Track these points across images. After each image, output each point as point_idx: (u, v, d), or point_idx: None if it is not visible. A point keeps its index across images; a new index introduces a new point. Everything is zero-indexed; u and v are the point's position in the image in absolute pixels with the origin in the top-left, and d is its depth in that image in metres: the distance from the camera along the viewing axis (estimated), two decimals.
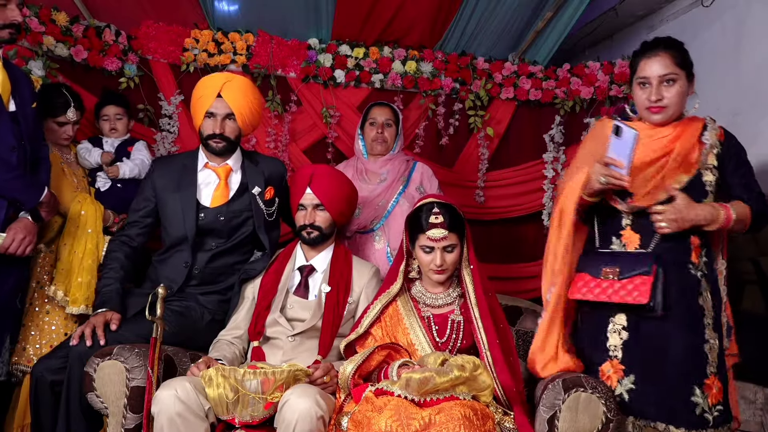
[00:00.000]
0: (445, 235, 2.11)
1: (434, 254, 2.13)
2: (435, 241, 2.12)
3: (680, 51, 2.05)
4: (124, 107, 2.97)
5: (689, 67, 2.05)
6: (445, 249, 2.13)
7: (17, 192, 2.23)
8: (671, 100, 2.02)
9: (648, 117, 2.07)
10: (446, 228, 2.11)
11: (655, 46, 2.05)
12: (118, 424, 1.98)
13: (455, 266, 2.19)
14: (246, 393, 1.89)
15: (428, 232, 2.12)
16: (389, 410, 1.77)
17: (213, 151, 2.47)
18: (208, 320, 2.41)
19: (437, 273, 2.16)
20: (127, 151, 2.91)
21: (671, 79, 2.01)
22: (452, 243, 2.14)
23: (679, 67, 2.02)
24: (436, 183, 3.05)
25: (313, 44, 3.52)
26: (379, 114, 3.02)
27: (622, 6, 4.05)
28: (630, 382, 1.97)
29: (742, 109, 3.50)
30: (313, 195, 2.41)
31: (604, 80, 3.64)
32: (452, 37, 3.67)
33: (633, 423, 1.96)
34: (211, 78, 2.50)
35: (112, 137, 2.92)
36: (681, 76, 2.02)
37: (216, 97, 2.41)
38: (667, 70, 2.01)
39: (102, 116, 2.94)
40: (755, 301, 2.92)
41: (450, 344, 2.15)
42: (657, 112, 2.04)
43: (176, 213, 2.43)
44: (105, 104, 2.95)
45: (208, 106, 2.41)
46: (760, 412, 2.85)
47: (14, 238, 2.18)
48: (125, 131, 2.97)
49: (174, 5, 3.39)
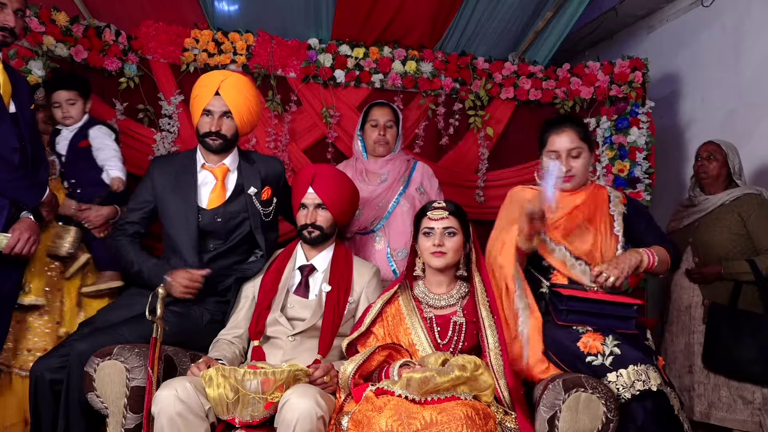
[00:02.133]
0: (445, 216, 2.18)
1: (434, 236, 2.17)
2: (435, 220, 2.17)
3: (583, 126, 2.39)
4: (76, 89, 2.75)
5: (591, 141, 2.38)
6: (445, 230, 2.17)
7: (20, 192, 2.23)
8: (578, 170, 2.32)
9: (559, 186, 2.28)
10: (447, 210, 2.19)
11: (562, 122, 2.36)
12: (118, 424, 1.98)
13: (456, 256, 2.20)
14: (246, 393, 1.89)
15: (429, 213, 2.20)
16: (389, 410, 1.77)
17: (209, 148, 2.45)
18: (208, 320, 2.41)
19: (436, 255, 2.17)
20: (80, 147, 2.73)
21: (577, 153, 2.30)
22: (452, 226, 2.18)
23: (583, 141, 2.33)
24: (437, 183, 3.05)
25: (313, 44, 3.52)
26: (381, 115, 3.01)
27: (622, 6, 4.06)
28: (613, 338, 2.05)
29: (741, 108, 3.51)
30: (315, 194, 2.41)
31: (604, 80, 3.64)
32: (452, 37, 3.67)
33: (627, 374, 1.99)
34: (209, 76, 2.49)
35: (68, 124, 2.76)
36: (585, 149, 2.33)
37: (214, 95, 2.40)
38: (573, 144, 2.31)
39: (53, 103, 2.75)
40: (752, 301, 2.92)
41: (451, 346, 2.15)
42: (567, 181, 2.31)
43: (178, 215, 2.43)
44: (55, 89, 2.75)
45: (205, 104, 2.40)
46: (759, 412, 2.86)
47: (20, 238, 2.19)
48: (81, 116, 2.78)
49: (174, 5, 3.39)
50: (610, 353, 2.02)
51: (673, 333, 3.20)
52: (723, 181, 3.15)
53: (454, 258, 2.20)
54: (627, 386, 1.95)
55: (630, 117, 3.54)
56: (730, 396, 2.93)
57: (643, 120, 3.54)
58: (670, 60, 3.97)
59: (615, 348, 2.02)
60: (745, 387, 2.90)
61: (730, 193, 3.08)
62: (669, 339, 3.23)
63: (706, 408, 2.99)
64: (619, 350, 2.02)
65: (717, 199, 3.10)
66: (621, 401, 1.94)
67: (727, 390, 2.94)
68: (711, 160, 3.14)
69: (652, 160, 3.54)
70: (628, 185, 3.49)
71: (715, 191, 3.14)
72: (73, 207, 2.63)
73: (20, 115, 2.26)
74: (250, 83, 2.55)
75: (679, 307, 3.17)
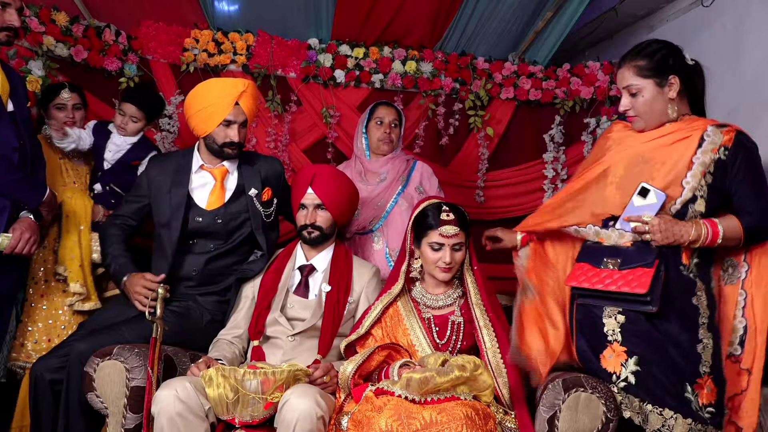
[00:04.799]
0: (457, 232, 2.15)
1: (443, 252, 2.15)
2: (447, 237, 2.14)
3: (644, 60, 2.04)
4: (144, 112, 2.83)
5: (659, 72, 2.03)
6: (453, 247, 2.15)
7: (21, 192, 2.24)
8: (638, 109, 2.05)
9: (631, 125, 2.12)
10: (458, 225, 2.15)
11: (623, 58, 2.08)
12: (118, 424, 1.98)
13: (459, 266, 2.20)
14: (246, 393, 1.89)
15: (441, 228, 2.14)
16: (389, 410, 1.77)
17: (228, 157, 2.46)
18: (208, 321, 2.41)
19: (444, 271, 2.17)
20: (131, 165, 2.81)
21: (634, 90, 2.04)
22: (461, 242, 2.17)
23: (641, 77, 2.03)
24: (436, 182, 3.05)
25: (313, 44, 3.52)
26: (386, 114, 3.02)
27: (622, 6, 4.05)
28: (634, 363, 1.93)
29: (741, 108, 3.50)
30: (315, 195, 2.41)
31: (604, 80, 3.64)
32: (452, 37, 3.67)
33: (640, 406, 1.90)
34: (225, 85, 2.46)
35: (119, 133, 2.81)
36: (644, 85, 2.03)
37: (234, 105, 2.39)
38: (627, 82, 2.05)
39: (119, 109, 2.82)
40: None
41: (450, 345, 2.15)
42: (632, 121, 2.09)
43: (167, 215, 2.43)
44: (128, 100, 2.82)
45: (226, 114, 2.38)
46: (759, 412, 2.85)
47: (21, 238, 2.19)
48: (134, 134, 2.85)
49: (174, 5, 3.39)
50: (625, 378, 1.92)
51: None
52: None
53: (458, 268, 2.20)
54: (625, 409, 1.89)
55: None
56: None
57: None
58: None
59: (631, 375, 1.91)
60: None
61: None
62: None
63: None
64: (634, 378, 1.91)
65: None
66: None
67: None
68: None
69: None
70: None
71: None
72: (102, 213, 2.67)
73: (18, 114, 2.25)
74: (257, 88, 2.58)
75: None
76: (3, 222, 2.18)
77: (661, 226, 1.92)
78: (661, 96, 2.03)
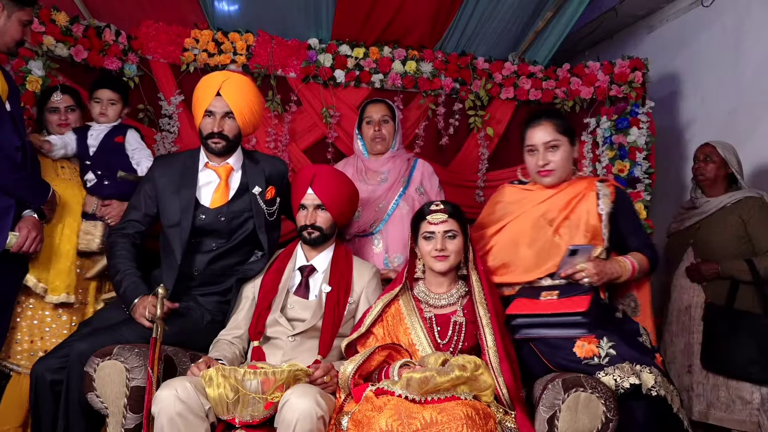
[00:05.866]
0: (445, 219, 2.18)
1: (435, 240, 2.17)
2: (435, 224, 2.18)
3: (561, 119, 2.36)
4: (119, 93, 2.85)
5: (571, 134, 2.33)
6: (446, 234, 2.17)
7: (27, 191, 2.24)
8: (557, 163, 2.29)
9: (540, 180, 2.35)
10: (446, 213, 2.19)
11: (539, 116, 2.35)
12: (118, 424, 1.98)
13: (458, 258, 2.21)
14: (246, 393, 1.89)
15: (429, 216, 2.20)
16: (389, 409, 1.77)
17: (212, 151, 2.45)
18: (208, 321, 2.40)
19: (439, 260, 2.17)
20: (115, 142, 2.78)
21: (555, 145, 2.28)
22: (452, 229, 2.18)
23: (561, 134, 2.29)
24: (437, 181, 3.04)
25: (313, 44, 3.52)
26: (375, 111, 3.00)
27: (622, 6, 4.06)
28: (608, 340, 2.04)
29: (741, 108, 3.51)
30: (315, 195, 2.41)
31: (604, 80, 3.64)
32: (452, 37, 3.67)
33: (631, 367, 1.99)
34: (210, 77, 2.48)
35: (101, 121, 2.80)
36: (564, 142, 2.29)
37: (215, 96, 2.39)
38: (551, 137, 2.28)
39: (94, 98, 2.82)
40: (749, 301, 2.92)
41: (451, 345, 2.15)
42: (546, 175, 2.31)
43: (175, 216, 2.42)
44: (99, 86, 2.82)
45: (207, 105, 2.40)
46: (757, 412, 2.85)
47: (28, 237, 2.19)
48: (116, 118, 2.84)
49: (174, 5, 3.39)
50: (606, 355, 2.02)
51: (672, 333, 3.20)
52: (722, 182, 3.15)
53: (455, 260, 2.21)
54: (623, 378, 1.95)
55: (630, 117, 3.54)
56: (728, 396, 2.93)
57: (643, 120, 3.53)
58: (670, 60, 3.97)
59: (611, 349, 2.02)
60: (743, 387, 2.90)
61: (731, 196, 3.08)
62: (668, 339, 3.22)
63: (704, 408, 2.99)
64: (614, 351, 2.02)
65: (718, 201, 3.10)
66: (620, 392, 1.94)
67: (726, 390, 2.94)
68: (708, 162, 3.15)
69: (652, 160, 3.54)
70: (628, 185, 3.49)
71: (716, 193, 3.15)
72: (95, 203, 2.66)
73: (16, 115, 2.26)
74: (252, 83, 2.54)
75: (679, 307, 3.17)
76: (10, 221, 2.19)
77: (597, 268, 2.17)
78: (571, 154, 2.33)
